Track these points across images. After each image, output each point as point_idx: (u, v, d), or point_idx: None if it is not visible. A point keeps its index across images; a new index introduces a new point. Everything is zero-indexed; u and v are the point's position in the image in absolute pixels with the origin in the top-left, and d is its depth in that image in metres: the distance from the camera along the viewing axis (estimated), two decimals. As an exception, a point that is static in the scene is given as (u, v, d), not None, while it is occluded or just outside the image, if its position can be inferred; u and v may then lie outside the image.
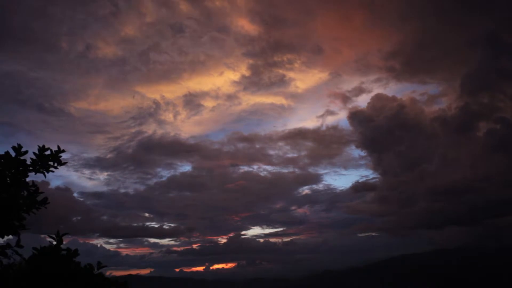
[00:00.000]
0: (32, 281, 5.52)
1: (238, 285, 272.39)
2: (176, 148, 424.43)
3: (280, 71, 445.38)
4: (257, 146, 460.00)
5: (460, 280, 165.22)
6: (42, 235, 6.01)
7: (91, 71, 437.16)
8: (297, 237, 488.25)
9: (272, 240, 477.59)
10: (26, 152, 6.15)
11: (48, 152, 6.35)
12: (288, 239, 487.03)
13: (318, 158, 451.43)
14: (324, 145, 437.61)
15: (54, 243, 5.76)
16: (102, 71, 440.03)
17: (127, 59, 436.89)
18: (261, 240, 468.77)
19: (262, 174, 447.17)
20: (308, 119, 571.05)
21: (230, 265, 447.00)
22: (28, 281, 5.52)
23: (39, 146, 6.31)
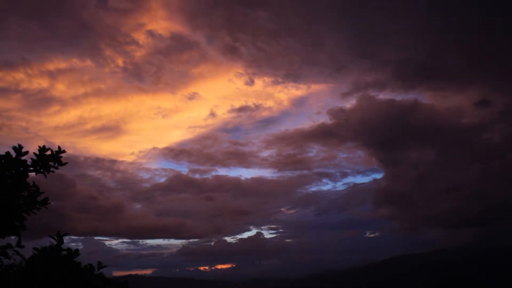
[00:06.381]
0: (32, 282, 5.52)
1: (238, 285, 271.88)
2: (175, 151, 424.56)
3: (280, 72, 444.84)
4: (257, 147, 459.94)
5: (460, 280, 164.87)
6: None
7: (93, 79, 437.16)
8: (297, 238, 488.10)
9: (273, 240, 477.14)
10: (26, 152, 6.13)
11: (48, 153, 6.35)
12: (289, 240, 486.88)
13: (319, 159, 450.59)
14: (325, 145, 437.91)
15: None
16: (101, 79, 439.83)
17: (127, 65, 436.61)
18: (262, 241, 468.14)
19: (261, 175, 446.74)
20: (308, 120, 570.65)
21: (230, 265, 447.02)
22: (29, 281, 5.52)
23: (39, 147, 6.29)
